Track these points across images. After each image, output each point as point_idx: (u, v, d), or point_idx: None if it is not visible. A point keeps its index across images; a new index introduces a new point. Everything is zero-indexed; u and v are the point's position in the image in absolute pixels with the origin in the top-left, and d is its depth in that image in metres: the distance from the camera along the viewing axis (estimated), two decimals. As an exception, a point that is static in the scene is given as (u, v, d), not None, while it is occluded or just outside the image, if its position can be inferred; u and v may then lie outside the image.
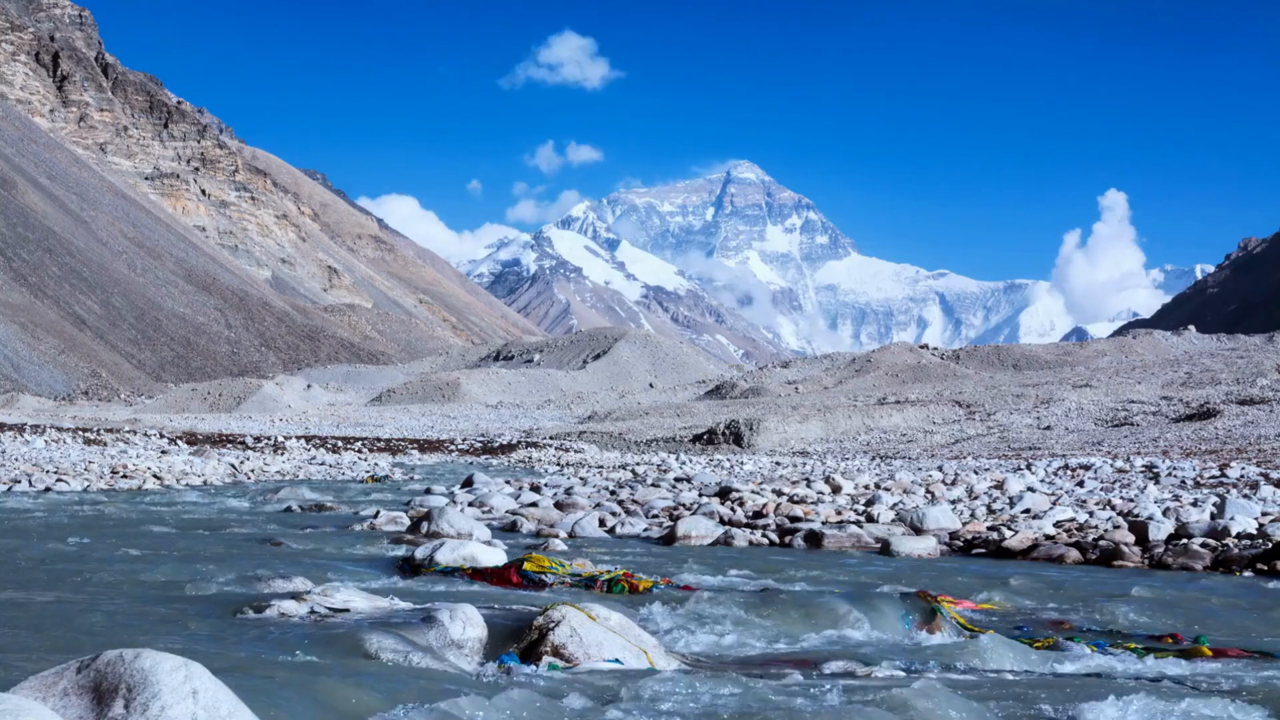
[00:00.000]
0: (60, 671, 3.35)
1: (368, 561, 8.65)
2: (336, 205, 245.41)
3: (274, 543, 9.84)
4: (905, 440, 40.16)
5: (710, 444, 42.64)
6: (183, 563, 8.05)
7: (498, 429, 55.39)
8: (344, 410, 73.74)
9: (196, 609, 5.89)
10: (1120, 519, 11.10)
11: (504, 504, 14.10)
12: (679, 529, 10.87)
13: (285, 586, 6.65)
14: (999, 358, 76.55)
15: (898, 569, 8.93)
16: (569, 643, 4.80)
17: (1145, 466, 21.07)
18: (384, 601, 5.95)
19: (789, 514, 12.32)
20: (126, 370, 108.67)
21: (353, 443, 38.97)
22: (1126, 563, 9.28)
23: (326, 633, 5.00)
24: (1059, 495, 14.33)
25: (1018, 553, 9.90)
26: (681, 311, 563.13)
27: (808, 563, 9.16)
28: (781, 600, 6.34)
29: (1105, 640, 5.89)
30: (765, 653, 5.47)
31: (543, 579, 7.32)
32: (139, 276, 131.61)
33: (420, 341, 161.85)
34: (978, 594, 7.43)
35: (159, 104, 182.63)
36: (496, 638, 5.00)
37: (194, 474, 20.72)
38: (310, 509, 14.32)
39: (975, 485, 16.41)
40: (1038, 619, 6.73)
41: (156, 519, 12.53)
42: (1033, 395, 48.30)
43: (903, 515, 11.86)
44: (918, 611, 6.06)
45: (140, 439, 33.60)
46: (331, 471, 25.04)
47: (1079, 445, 32.94)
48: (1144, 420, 38.15)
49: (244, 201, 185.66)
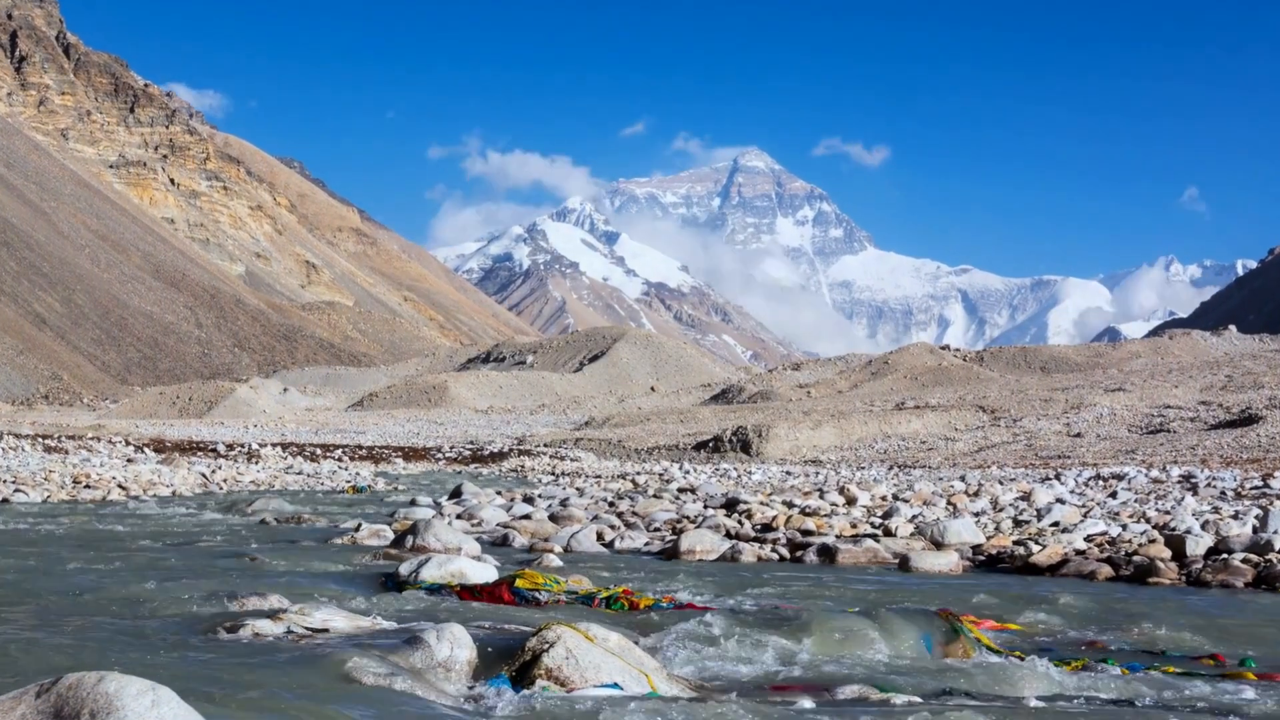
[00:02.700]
0: (19, 696, 3.35)
1: (348, 578, 8.65)
2: (315, 195, 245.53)
3: (248, 558, 9.84)
4: (925, 448, 40.15)
5: (716, 452, 42.63)
6: (150, 579, 8.04)
7: (488, 436, 55.38)
8: (323, 416, 73.76)
9: (165, 629, 5.89)
10: (1156, 533, 11.11)
11: (495, 516, 14.10)
12: (682, 543, 10.86)
13: (260, 605, 6.65)
14: (1025, 359, 76.54)
15: (917, 586, 8.93)
16: (564, 665, 4.80)
17: (1182, 476, 21.06)
18: (366, 621, 5.95)
19: (800, 527, 12.33)
20: (89, 372, 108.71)
21: (332, 451, 38.96)
22: (1162, 579, 9.28)
23: (304, 654, 5.00)
24: (1090, 507, 14.34)
25: (1046, 569, 9.90)
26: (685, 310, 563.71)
27: (820, 579, 9.16)
28: (792, 620, 6.34)
29: (1140, 662, 5.89)
30: (775, 677, 5.46)
31: (536, 597, 7.32)
32: (103, 272, 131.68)
33: (405, 342, 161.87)
34: (1003, 613, 7.43)
35: (124, 87, 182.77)
36: (486, 659, 5.00)
37: (162, 484, 20.72)
38: (287, 522, 14.31)
39: (1000, 496, 16.41)
40: (1068, 640, 6.73)
41: (121, 532, 12.52)
42: (1062, 400, 48.29)
43: (922, 529, 11.86)
44: (939, 632, 6.06)
45: (104, 446, 33.61)
46: (309, 482, 25.04)
47: (1111, 453, 32.94)
48: (1181, 426, 38.14)
49: (216, 192, 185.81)
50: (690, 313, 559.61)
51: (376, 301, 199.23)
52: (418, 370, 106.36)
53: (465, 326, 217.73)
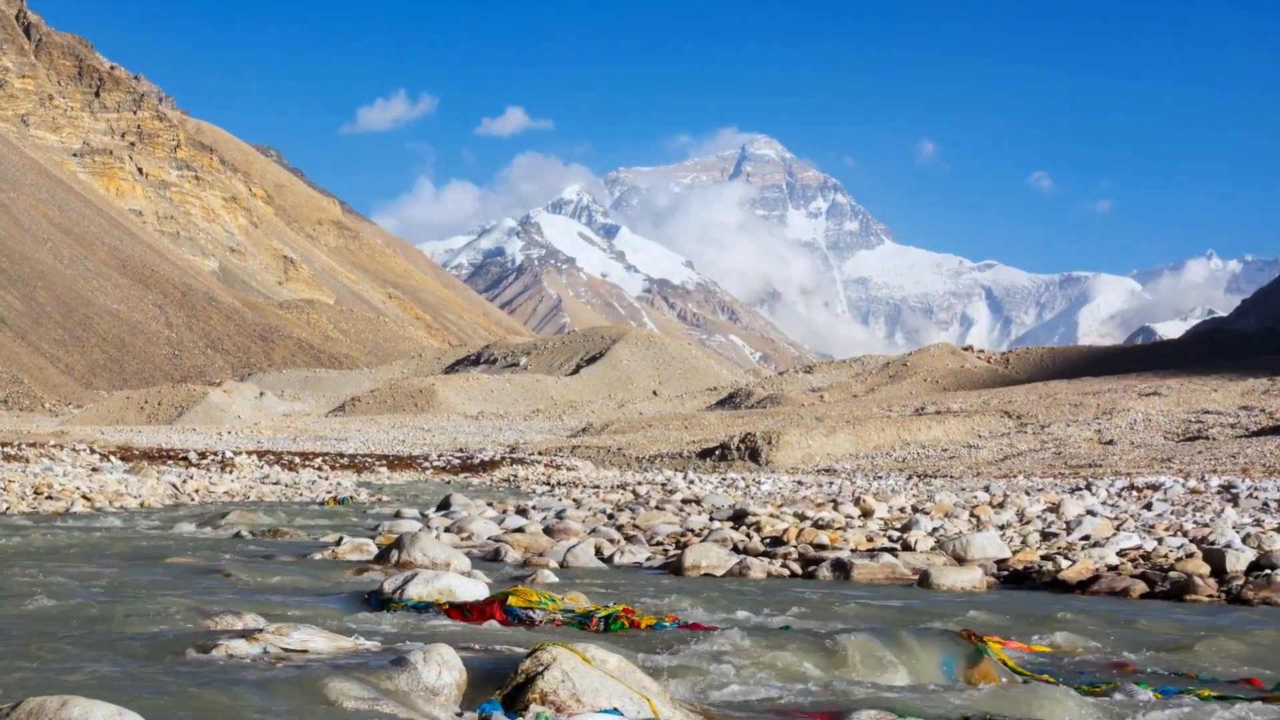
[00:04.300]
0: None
1: (329, 595, 8.67)
2: (294, 186, 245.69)
3: (222, 574, 9.86)
4: (946, 456, 40.17)
5: (723, 460, 42.68)
6: (117, 596, 8.05)
7: (478, 443, 55.44)
8: (302, 421, 73.79)
9: (133, 649, 5.90)
10: (1193, 547, 11.12)
11: (486, 529, 14.12)
12: (687, 558, 10.88)
13: (235, 624, 6.66)
14: (1054, 361, 76.57)
15: (938, 604, 8.94)
16: (560, 689, 4.80)
17: (1222, 486, 21.07)
18: (347, 641, 5.96)
19: (813, 541, 12.34)
20: (52, 375, 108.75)
21: (312, 459, 39.00)
22: (1200, 597, 9.29)
23: (281, 677, 5.01)
24: (1123, 520, 14.35)
25: (1076, 585, 9.92)
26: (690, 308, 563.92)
27: (834, 597, 9.18)
28: (804, 640, 6.34)
29: (1175, 686, 5.90)
30: (785, 701, 5.47)
31: (530, 615, 7.33)
32: (66, 268, 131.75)
33: (389, 342, 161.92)
34: (1030, 633, 7.44)
35: (89, 69, 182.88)
36: (477, 682, 5.01)
37: (129, 495, 20.74)
38: (263, 535, 14.33)
39: (1027, 508, 16.43)
40: (1098, 661, 6.74)
41: (86, 546, 12.53)
42: (1093, 405, 48.32)
43: (944, 543, 11.88)
44: (961, 654, 6.06)
45: (68, 454, 33.62)
46: (287, 492, 25.06)
47: (1146, 462, 32.95)
48: (1220, 433, 38.16)
49: (187, 182, 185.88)
50: (695, 311, 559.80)
51: (359, 299, 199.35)
52: (403, 373, 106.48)
53: (454, 326, 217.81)
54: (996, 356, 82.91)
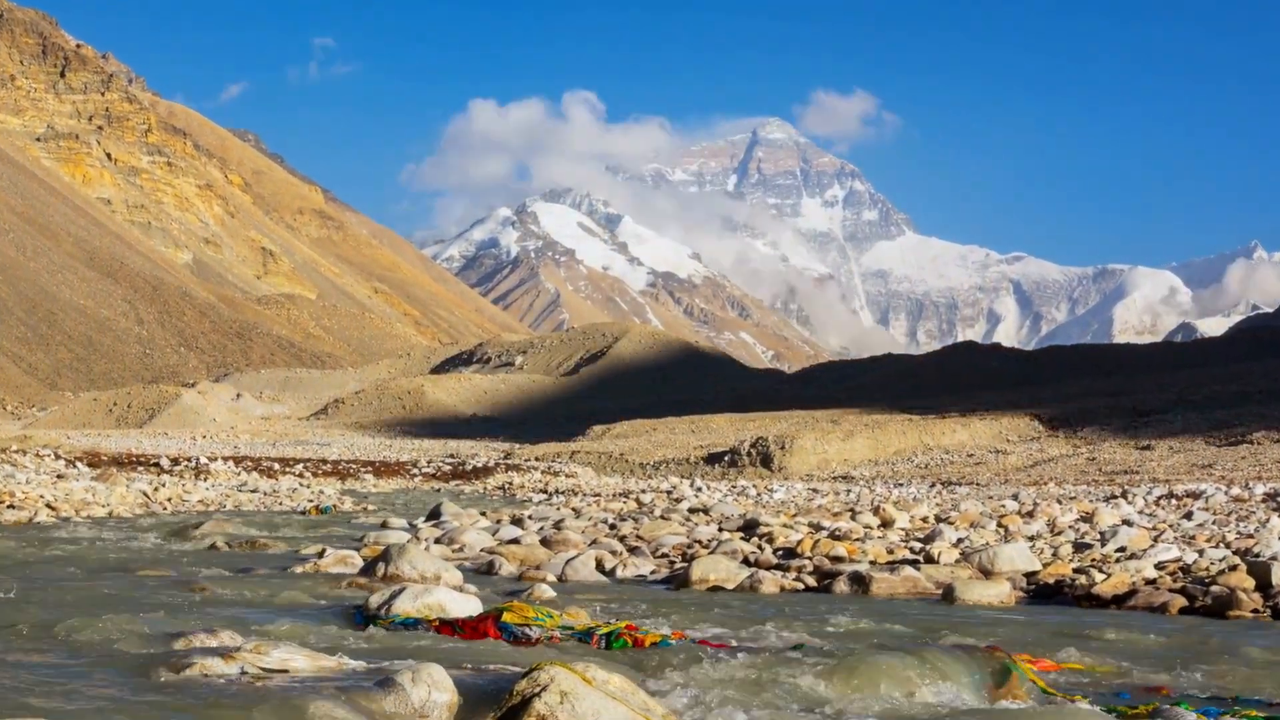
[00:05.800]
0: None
1: (310, 611, 8.67)
2: (273, 173, 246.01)
3: (196, 588, 9.86)
4: (972, 462, 40.16)
5: (732, 466, 42.68)
6: (83, 612, 8.05)
7: (471, 448, 55.45)
8: (281, 425, 73.89)
9: (98, 669, 5.90)
10: (1236, 559, 11.10)
11: (479, 541, 14.11)
12: (694, 571, 10.88)
13: (210, 641, 6.66)
14: (1087, 360, 76.52)
15: (963, 620, 8.94)
16: (559, 711, 4.81)
17: (1267, 494, 21.05)
18: (330, 660, 5.96)
19: (829, 553, 12.34)
20: (14, 376, 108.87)
21: (292, 465, 39.03)
22: (1243, 612, 9.28)
23: (260, 698, 5.00)
24: (1161, 530, 14.34)
25: (1110, 600, 9.91)
26: (697, 304, 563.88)
27: (852, 612, 9.17)
28: (819, 658, 6.34)
29: (1216, 707, 5.89)
30: (799, 723, 5.47)
31: (526, 633, 7.34)
32: (29, 260, 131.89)
33: (375, 340, 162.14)
34: (1061, 651, 7.44)
35: (54, 48, 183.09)
36: (469, 704, 5.01)
37: (97, 503, 20.75)
38: (240, 546, 14.33)
39: (1058, 518, 16.42)
40: (1134, 681, 6.74)
41: (50, 558, 12.55)
42: (1129, 407, 48.25)
43: (969, 555, 11.87)
44: (988, 672, 6.06)
45: (31, 460, 33.65)
46: (266, 501, 25.07)
47: (1185, 468, 32.92)
48: (1267, 437, 38.10)
49: (158, 168, 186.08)
50: (703, 307, 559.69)
51: (343, 294, 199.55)
52: (390, 373, 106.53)
53: (445, 322, 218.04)
54: (1026, 355, 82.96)
